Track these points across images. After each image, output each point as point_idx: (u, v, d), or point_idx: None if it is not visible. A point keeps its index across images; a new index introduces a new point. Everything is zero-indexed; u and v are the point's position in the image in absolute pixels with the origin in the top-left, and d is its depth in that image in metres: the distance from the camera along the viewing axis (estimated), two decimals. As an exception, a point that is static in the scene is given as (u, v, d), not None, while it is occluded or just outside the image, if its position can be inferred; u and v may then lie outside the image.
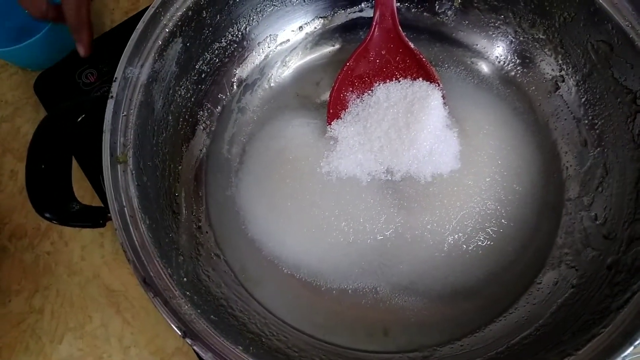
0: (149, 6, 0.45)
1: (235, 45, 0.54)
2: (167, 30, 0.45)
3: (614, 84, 0.45)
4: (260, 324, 0.44)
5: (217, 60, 0.53)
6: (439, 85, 0.50)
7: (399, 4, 0.54)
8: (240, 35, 0.54)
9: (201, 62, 0.52)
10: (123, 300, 0.53)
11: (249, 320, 0.44)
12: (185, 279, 0.41)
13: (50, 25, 0.55)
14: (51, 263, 0.55)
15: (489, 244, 0.47)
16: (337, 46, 0.58)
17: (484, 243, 0.47)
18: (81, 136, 0.43)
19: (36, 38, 0.55)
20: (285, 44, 0.58)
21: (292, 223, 0.48)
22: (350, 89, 0.52)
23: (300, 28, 0.58)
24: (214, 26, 0.51)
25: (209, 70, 0.53)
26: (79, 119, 0.43)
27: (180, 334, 0.36)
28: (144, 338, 0.51)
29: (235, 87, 0.56)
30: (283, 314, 0.46)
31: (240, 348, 0.37)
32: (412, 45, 0.50)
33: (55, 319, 0.53)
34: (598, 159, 0.48)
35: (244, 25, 0.54)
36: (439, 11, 0.56)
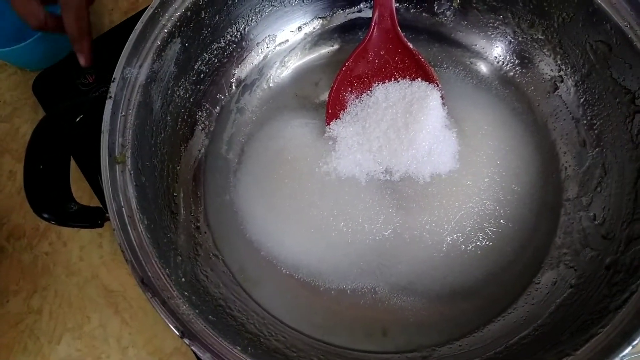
0: (147, 6, 0.45)
1: (234, 45, 0.54)
2: (166, 30, 0.45)
3: (613, 84, 0.45)
4: (258, 324, 0.44)
5: (216, 60, 0.53)
6: (437, 85, 0.50)
7: (397, 5, 0.54)
8: (239, 36, 0.54)
9: (200, 63, 0.52)
10: (121, 301, 0.53)
11: (248, 320, 0.44)
12: (183, 279, 0.41)
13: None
14: (49, 263, 0.55)
15: (488, 244, 0.47)
16: (336, 46, 0.58)
17: (483, 243, 0.47)
18: (79, 136, 0.43)
19: (35, 38, 0.56)
20: (284, 44, 0.58)
21: (291, 223, 0.48)
22: (349, 89, 0.52)
23: (299, 28, 0.58)
24: (212, 26, 0.51)
25: (207, 70, 0.53)
26: (78, 120, 0.43)
27: (178, 334, 0.36)
28: (142, 338, 0.51)
29: (234, 88, 0.56)
30: (281, 314, 0.46)
31: (238, 348, 0.37)
32: (411, 46, 0.51)
33: (54, 320, 0.53)
34: (597, 159, 0.48)
35: (243, 25, 0.54)
36: (437, 11, 0.56)
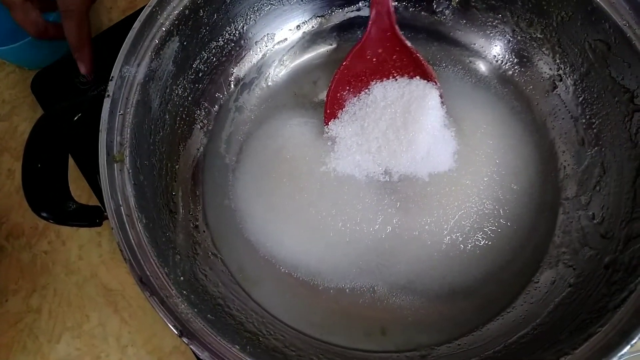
0: (146, 5, 0.45)
1: (233, 44, 0.54)
2: (164, 29, 0.45)
3: (612, 83, 0.45)
4: (257, 323, 0.44)
5: (215, 59, 0.53)
6: (436, 84, 0.50)
7: (396, 3, 0.54)
8: (237, 34, 0.54)
9: (198, 61, 0.51)
10: (120, 300, 0.53)
11: (246, 319, 0.44)
12: (182, 278, 0.41)
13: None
14: (48, 262, 0.55)
15: (487, 244, 0.47)
16: (335, 45, 0.58)
17: (482, 242, 0.47)
18: (78, 135, 0.42)
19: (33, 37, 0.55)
20: (283, 43, 0.57)
21: (290, 223, 0.48)
22: (348, 88, 0.51)
23: (298, 27, 0.58)
24: (211, 25, 0.50)
25: (206, 69, 0.53)
26: (76, 118, 0.43)
27: (176, 333, 0.36)
28: (141, 337, 0.51)
29: (232, 86, 0.56)
30: (280, 313, 0.46)
31: (237, 347, 0.36)
32: (409, 44, 0.50)
33: (53, 319, 0.52)
34: (595, 158, 0.47)
35: (241, 24, 0.54)
36: (436, 10, 0.56)
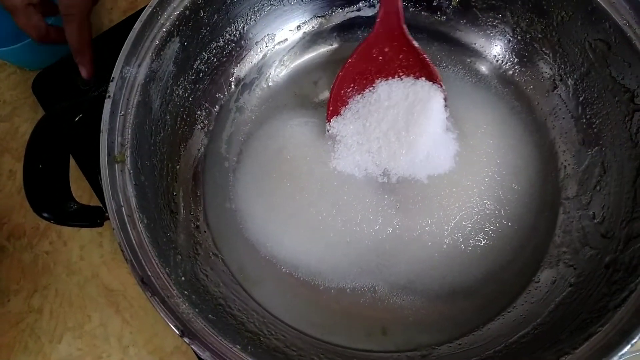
0: (146, 6, 0.45)
1: (233, 44, 0.54)
2: (165, 29, 0.45)
3: (612, 82, 0.45)
4: (258, 323, 0.44)
5: (215, 59, 0.53)
6: (441, 86, 0.49)
7: (405, 4, 0.54)
8: (238, 35, 0.54)
9: (199, 62, 0.51)
10: (122, 300, 0.53)
11: (247, 319, 0.44)
12: (183, 278, 0.41)
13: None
14: (50, 263, 0.55)
15: (487, 244, 0.47)
16: (335, 45, 0.58)
17: (483, 243, 0.47)
18: (79, 136, 0.43)
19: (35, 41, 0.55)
20: (283, 43, 0.58)
21: (290, 223, 0.48)
22: (352, 85, 0.51)
23: (298, 27, 0.58)
24: (211, 25, 0.51)
25: (206, 69, 0.53)
26: (77, 119, 0.43)
27: (178, 333, 0.36)
28: (142, 337, 0.51)
29: (233, 87, 0.56)
30: (281, 313, 0.46)
31: (238, 347, 0.37)
32: (416, 44, 0.49)
33: (54, 319, 0.53)
34: (596, 158, 0.47)
35: (242, 24, 0.54)
36: (437, 10, 0.56)
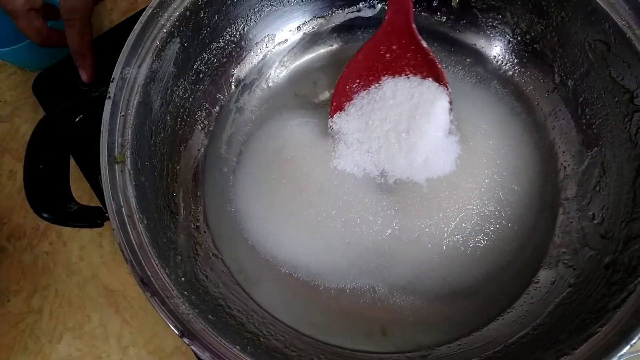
0: (147, 6, 0.45)
1: (233, 45, 0.54)
2: (165, 30, 0.45)
3: (612, 83, 0.45)
4: (258, 324, 0.44)
5: (215, 60, 0.53)
6: (447, 89, 0.49)
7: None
8: (238, 36, 0.54)
9: (199, 63, 0.52)
10: (122, 300, 0.53)
11: (247, 319, 0.44)
12: (183, 278, 0.41)
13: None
14: (50, 263, 0.55)
15: (487, 245, 0.47)
16: (335, 46, 0.58)
17: (482, 244, 0.47)
18: (79, 136, 0.43)
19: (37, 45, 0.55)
20: (283, 44, 0.58)
21: (290, 223, 0.48)
22: (358, 80, 0.51)
23: (298, 28, 0.58)
24: (211, 26, 0.51)
25: (207, 70, 0.53)
26: (77, 119, 0.43)
27: (177, 333, 0.36)
28: (142, 338, 0.51)
29: (233, 87, 0.56)
30: (281, 314, 0.46)
31: (237, 347, 0.37)
32: (425, 44, 0.49)
33: (54, 319, 0.53)
34: (595, 158, 0.48)
35: (242, 25, 0.54)
36: (436, 11, 0.56)
